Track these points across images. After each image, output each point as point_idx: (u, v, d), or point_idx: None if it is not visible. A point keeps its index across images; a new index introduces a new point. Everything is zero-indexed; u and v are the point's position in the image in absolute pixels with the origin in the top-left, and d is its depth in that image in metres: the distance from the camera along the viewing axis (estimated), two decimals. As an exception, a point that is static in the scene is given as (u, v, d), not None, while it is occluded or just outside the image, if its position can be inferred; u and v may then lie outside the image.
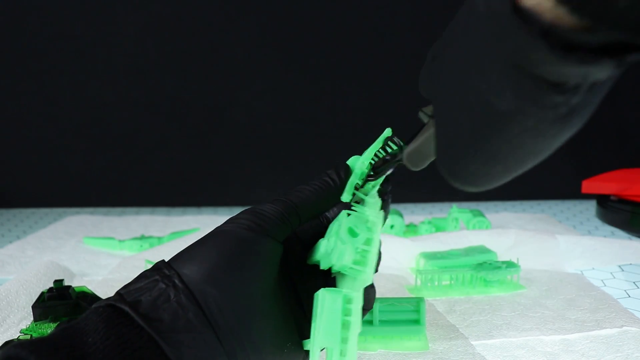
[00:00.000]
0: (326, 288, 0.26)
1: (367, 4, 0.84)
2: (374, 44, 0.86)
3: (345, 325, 0.25)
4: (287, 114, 0.89)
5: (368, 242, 0.26)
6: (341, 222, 0.27)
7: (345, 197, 0.31)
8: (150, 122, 0.89)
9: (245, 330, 0.25)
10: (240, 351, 0.25)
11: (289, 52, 0.86)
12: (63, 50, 0.85)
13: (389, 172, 0.31)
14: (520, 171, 0.22)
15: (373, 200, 0.29)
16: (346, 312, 0.25)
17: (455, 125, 0.22)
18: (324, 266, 0.28)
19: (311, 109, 0.88)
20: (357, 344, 0.25)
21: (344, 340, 0.25)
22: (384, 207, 0.29)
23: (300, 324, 0.29)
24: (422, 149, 0.28)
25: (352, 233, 0.26)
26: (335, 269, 0.26)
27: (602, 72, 0.16)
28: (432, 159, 0.28)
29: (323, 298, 0.25)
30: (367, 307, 0.28)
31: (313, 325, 0.26)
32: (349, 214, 0.27)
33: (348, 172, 0.31)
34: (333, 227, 0.28)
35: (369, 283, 0.26)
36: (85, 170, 0.90)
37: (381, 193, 0.31)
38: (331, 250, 0.27)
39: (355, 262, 0.26)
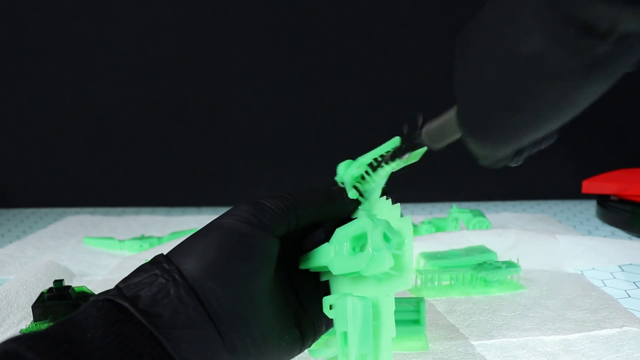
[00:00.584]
0: (354, 296, 0.26)
1: (367, 4, 0.84)
2: (374, 44, 0.86)
3: (376, 331, 0.25)
4: (287, 114, 0.89)
5: (400, 246, 0.25)
6: (363, 227, 0.26)
7: (352, 194, 0.31)
8: (150, 122, 0.89)
9: (244, 324, 0.25)
10: (240, 345, 0.25)
11: (289, 52, 0.86)
12: (63, 50, 0.85)
13: (405, 157, 0.31)
14: (538, 130, 0.22)
15: (387, 204, 0.29)
16: (375, 318, 0.25)
17: (479, 77, 0.22)
18: (337, 272, 0.27)
19: (311, 109, 0.88)
20: (392, 351, 0.25)
21: (377, 347, 0.25)
22: None
23: (298, 319, 0.29)
24: (444, 125, 0.27)
25: (387, 239, 0.25)
26: (365, 274, 0.26)
27: (632, 21, 0.16)
28: (452, 138, 0.28)
29: (354, 306, 0.25)
30: None
31: (342, 333, 0.25)
32: (372, 220, 0.27)
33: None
34: (348, 233, 0.27)
35: (407, 287, 0.25)
36: (85, 170, 0.90)
37: (384, 193, 0.30)
38: (349, 254, 0.26)
39: (392, 268, 0.25)
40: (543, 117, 0.21)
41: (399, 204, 0.28)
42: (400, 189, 0.30)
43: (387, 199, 0.29)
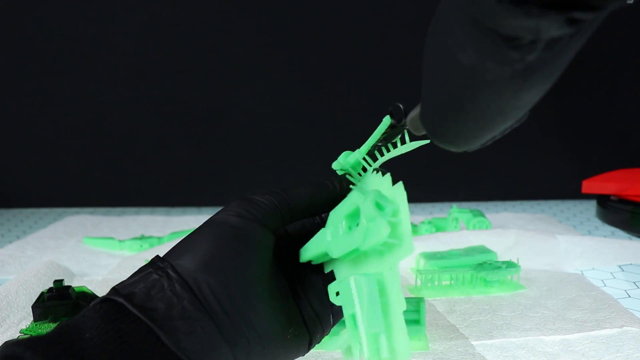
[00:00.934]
0: (358, 274, 0.25)
1: (366, 4, 0.84)
2: (373, 44, 0.86)
3: (385, 308, 0.24)
4: (287, 114, 0.89)
5: (395, 213, 0.24)
6: (354, 201, 0.25)
7: (335, 165, 0.31)
8: (150, 122, 0.89)
9: (243, 316, 0.25)
10: (240, 337, 0.25)
11: (289, 52, 0.86)
12: (63, 50, 0.85)
13: (395, 140, 0.31)
14: (491, 130, 0.23)
15: (377, 177, 0.28)
16: (382, 294, 0.24)
17: (432, 84, 0.23)
18: (336, 255, 0.27)
19: (311, 109, 0.88)
20: (405, 326, 0.23)
21: (388, 325, 0.23)
22: None
23: (303, 313, 0.29)
24: (418, 117, 0.28)
25: (380, 207, 0.24)
26: (363, 248, 0.25)
27: (554, 29, 0.17)
28: None
29: (359, 283, 0.24)
30: None
31: (351, 316, 0.24)
32: (362, 193, 0.26)
33: (348, 183, 0.32)
34: (341, 212, 0.27)
35: (409, 254, 0.24)
36: (85, 170, 0.90)
37: (376, 170, 0.30)
38: (346, 233, 0.26)
39: (390, 236, 0.23)
40: (492, 120, 0.22)
41: (389, 173, 0.27)
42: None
43: (377, 172, 0.29)
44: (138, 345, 0.22)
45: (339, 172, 0.32)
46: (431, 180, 0.91)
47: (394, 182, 0.26)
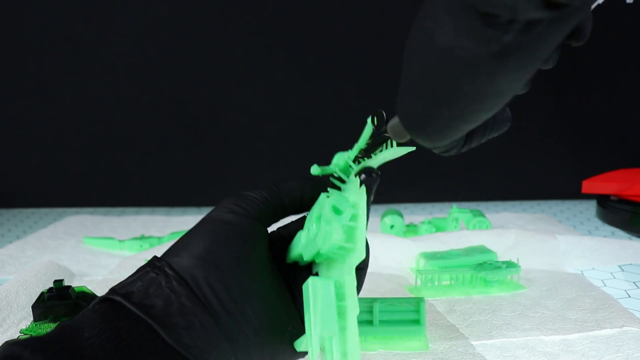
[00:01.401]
0: (315, 276, 0.25)
1: (365, 4, 0.84)
2: (372, 44, 0.86)
3: (342, 312, 0.24)
4: (287, 114, 0.89)
5: (354, 218, 0.25)
6: (322, 204, 0.26)
7: (314, 170, 0.32)
8: (150, 122, 0.89)
9: (240, 310, 0.25)
10: (239, 332, 0.25)
11: (288, 52, 0.86)
12: (63, 50, 0.85)
13: (378, 150, 0.31)
14: (466, 121, 0.23)
15: (353, 180, 0.29)
16: (340, 298, 0.24)
17: (408, 70, 0.23)
18: (307, 257, 0.27)
19: (310, 109, 0.88)
20: (357, 330, 0.23)
21: (342, 328, 0.23)
22: (370, 183, 0.29)
23: (301, 313, 0.29)
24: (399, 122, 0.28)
25: (337, 211, 0.24)
26: (322, 252, 0.25)
27: (531, 10, 0.17)
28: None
29: (314, 286, 0.24)
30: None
31: (307, 318, 0.24)
32: (328, 196, 0.27)
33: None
34: (313, 215, 0.27)
35: (361, 259, 0.24)
36: (85, 170, 0.90)
37: (368, 171, 0.30)
38: (314, 235, 0.26)
39: (345, 240, 0.24)
40: (467, 108, 0.22)
41: (358, 177, 0.28)
42: (401, 189, 0.30)
43: (355, 176, 0.29)
44: (137, 343, 0.22)
45: (319, 174, 0.33)
46: (431, 180, 0.91)
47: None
